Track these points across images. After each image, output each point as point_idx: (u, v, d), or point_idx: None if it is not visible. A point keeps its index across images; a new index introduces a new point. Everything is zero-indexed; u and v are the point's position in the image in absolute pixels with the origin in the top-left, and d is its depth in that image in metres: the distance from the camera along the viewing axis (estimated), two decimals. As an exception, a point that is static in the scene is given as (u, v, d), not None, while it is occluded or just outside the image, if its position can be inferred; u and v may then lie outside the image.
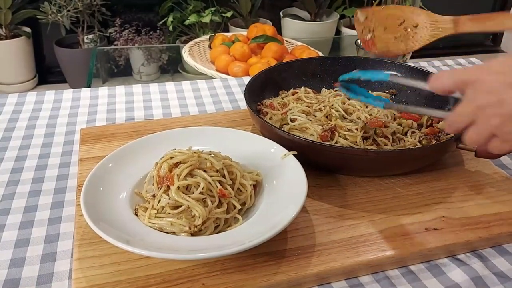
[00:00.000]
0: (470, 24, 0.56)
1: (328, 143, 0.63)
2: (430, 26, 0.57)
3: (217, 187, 0.52)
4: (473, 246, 0.54)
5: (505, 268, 0.51)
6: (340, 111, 0.69)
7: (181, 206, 0.50)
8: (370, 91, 0.71)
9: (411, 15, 0.58)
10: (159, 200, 0.51)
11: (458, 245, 0.53)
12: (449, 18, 0.57)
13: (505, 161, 0.71)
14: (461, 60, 1.12)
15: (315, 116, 0.70)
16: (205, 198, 0.51)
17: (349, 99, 0.71)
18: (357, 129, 0.64)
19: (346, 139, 0.64)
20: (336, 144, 0.63)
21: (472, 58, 1.14)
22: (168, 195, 0.51)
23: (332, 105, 0.71)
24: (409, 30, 0.57)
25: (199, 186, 0.51)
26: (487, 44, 3.25)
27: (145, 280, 0.46)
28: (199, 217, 0.49)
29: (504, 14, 0.57)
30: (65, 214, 0.58)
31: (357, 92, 0.61)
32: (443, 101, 0.69)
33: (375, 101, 0.58)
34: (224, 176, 0.53)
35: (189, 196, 0.50)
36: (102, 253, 0.49)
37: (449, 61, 1.11)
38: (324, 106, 0.71)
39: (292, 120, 0.69)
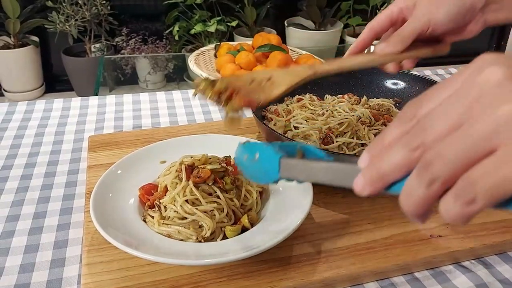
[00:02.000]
0: (324, 67, 0.55)
1: (330, 148, 0.64)
2: (284, 75, 0.53)
3: (232, 203, 0.53)
4: (478, 253, 0.54)
5: (509, 275, 0.52)
6: (343, 111, 0.70)
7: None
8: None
9: (262, 74, 0.53)
10: (165, 208, 0.52)
11: (462, 252, 0.53)
12: (306, 65, 0.55)
13: (509, 169, 0.71)
14: (465, 68, 1.13)
15: (317, 121, 0.71)
16: (213, 210, 0.51)
17: None
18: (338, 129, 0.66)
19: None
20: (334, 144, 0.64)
21: (476, 67, 1.14)
22: (174, 205, 0.51)
23: (336, 109, 0.72)
24: (263, 84, 0.51)
25: (206, 197, 0.52)
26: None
27: (153, 286, 0.47)
28: (208, 230, 0.50)
29: (352, 55, 0.55)
30: (74, 220, 0.59)
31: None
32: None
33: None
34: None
35: (197, 208, 0.51)
36: (110, 259, 0.50)
37: (453, 69, 1.12)
38: (326, 110, 0.72)
39: (295, 127, 0.70)
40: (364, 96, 0.80)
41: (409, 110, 0.27)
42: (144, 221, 0.53)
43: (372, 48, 0.56)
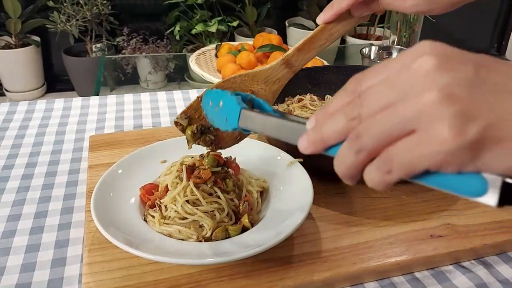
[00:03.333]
0: (301, 55, 0.51)
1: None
2: (266, 84, 0.49)
3: (233, 203, 0.53)
4: (478, 253, 0.54)
5: (510, 276, 0.52)
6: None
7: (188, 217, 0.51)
8: None
9: (238, 86, 0.49)
10: (166, 207, 0.52)
11: (463, 252, 0.53)
12: (280, 62, 0.50)
13: (510, 169, 0.71)
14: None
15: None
16: (213, 211, 0.52)
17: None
18: None
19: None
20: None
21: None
22: (175, 205, 0.52)
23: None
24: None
25: (207, 197, 0.52)
26: (492, 53, 3.25)
27: (154, 285, 0.47)
28: (209, 230, 0.50)
29: (326, 27, 0.53)
30: (75, 219, 0.59)
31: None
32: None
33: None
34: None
35: (197, 209, 0.51)
36: (111, 258, 0.50)
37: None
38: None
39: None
40: (365, 96, 0.80)
41: (352, 83, 0.30)
42: (145, 220, 0.53)
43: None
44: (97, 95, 1.32)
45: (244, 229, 0.52)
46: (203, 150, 0.55)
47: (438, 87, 0.25)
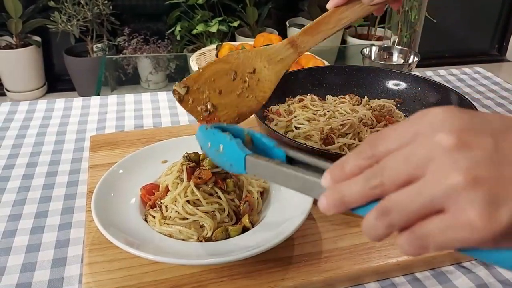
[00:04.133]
0: (307, 38, 0.50)
1: (331, 148, 0.64)
2: (269, 63, 0.49)
3: (233, 203, 0.53)
4: (479, 254, 0.54)
5: (510, 276, 0.52)
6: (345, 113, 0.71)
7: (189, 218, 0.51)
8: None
9: (241, 62, 0.49)
10: (166, 207, 0.52)
11: (463, 253, 0.53)
12: (285, 42, 0.51)
13: (511, 170, 0.71)
14: (467, 69, 1.13)
15: (319, 121, 0.71)
16: (214, 211, 0.52)
17: None
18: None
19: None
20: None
21: (478, 68, 1.14)
22: (175, 205, 0.52)
23: (337, 110, 0.72)
24: (248, 79, 0.47)
25: (207, 197, 0.52)
26: (493, 53, 3.25)
27: (154, 285, 0.47)
28: (210, 230, 0.50)
29: (335, 12, 0.52)
30: (75, 220, 0.59)
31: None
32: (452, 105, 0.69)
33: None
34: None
35: (198, 209, 0.51)
36: (112, 258, 0.50)
37: (454, 70, 1.12)
38: (328, 111, 0.72)
39: (297, 128, 0.70)
40: (366, 96, 0.80)
41: (367, 146, 0.30)
42: (146, 220, 0.53)
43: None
44: (98, 95, 1.32)
45: (245, 230, 0.52)
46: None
47: (461, 170, 0.25)
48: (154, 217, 0.52)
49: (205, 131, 0.40)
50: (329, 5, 0.53)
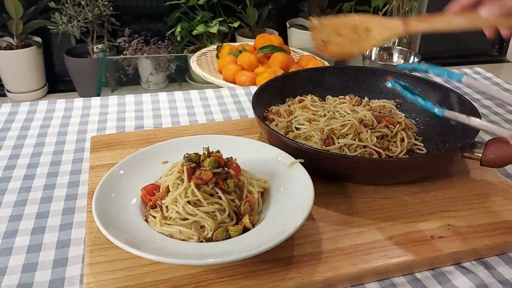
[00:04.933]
0: (417, 22, 0.57)
1: (331, 149, 0.64)
2: (380, 27, 0.60)
3: (234, 204, 0.53)
4: (479, 254, 0.54)
5: (510, 276, 0.52)
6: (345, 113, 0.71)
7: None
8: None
9: (362, 20, 0.61)
10: (167, 208, 0.52)
11: (463, 253, 0.53)
12: (399, 19, 0.59)
13: (510, 170, 0.71)
14: (467, 70, 1.13)
15: (319, 122, 0.71)
16: (214, 211, 0.52)
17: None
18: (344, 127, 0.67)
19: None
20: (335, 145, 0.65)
21: (478, 68, 1.14)
22: (176, 206, 0.52)
23: (338, 110, 0.72)
24: (360, 33, 0.60)
25: (208, 198, 0.52)
26: (493, 54, 3.25)
27: (155, 285, 0.47)
28: (210, 230, 0.50)
29: (450, 14, 0.55)
30: (76, 220, 0.59)
31: (413, 93, 0.61)
32: (452, 106, 0.70)
33: (435, 108, 0.57)
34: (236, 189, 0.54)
35: (198, 209, 0.51)
36: (112, 259, 0.50)
37: (455, 70, 1.12)
38: (328, 111, 0.73)
39: (297, 128, 0.70)
40: (366, 97, 0.80)
41: None
42: (146, 221, 0.53)
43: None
44: (99, 95, 1.32)
45: (245, 230, 0.52)
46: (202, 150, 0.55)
47: None
48: (154, 217, 0.52)
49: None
50: (449, 9, 0.55)
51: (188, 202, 0.52)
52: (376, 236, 0.55)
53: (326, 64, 1.57)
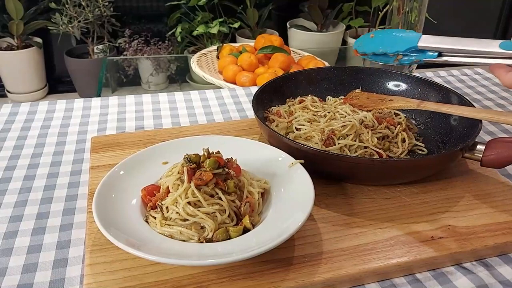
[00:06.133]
0: (429, 105, 0.69)
1: (331, 150, 0.64)
2: (400, 100, 0.73)
3: (234, 204, 0.53)
4: (479, 254, 0.54)
5: (510, 277, 0.52)
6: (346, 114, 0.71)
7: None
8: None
9: (390, 97, 0.76)
10: (167, 209, 0.52)
11: (464, 254, 0.53)
12: (418, 100, 0.72)
13: (510, 171, 0.71)
14: (467, 70, 1.13)
15: (319, 122, 0.71)
16: (215, 212, 0.52)
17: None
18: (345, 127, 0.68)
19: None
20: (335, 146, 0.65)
21: (478, 69, 1.14)
22: (176, 207, 0.52)
23: (338, 111, 0.72)
24: (384, 101, 0.75)
25: (208, 199, 0.52)
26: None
27: (156, 286, 0.47)
28: (211, 231, 0.50)
29: (461, 107, 0.66)
30: (76, 220, 0.59)
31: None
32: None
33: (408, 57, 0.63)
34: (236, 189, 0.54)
35: (198, 210, 0.51)
36: (113, 259, 0.50)
37: (455, 71, 1.12)
38: (328, 112, 0.72)
39: (297, 129, 0.70)
40: (366, 97, 0.80)
41: None
42: (146, 221, 0.53)
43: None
44: (99, 96, 1.32)
45: (245, 230, 0.52)
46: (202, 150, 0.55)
47: None
48: (155, 218, 0.52)
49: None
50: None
51: (188, 202, 0.51)
52: (377, 237, 0.55)
53: (327, 64, 1.57)
